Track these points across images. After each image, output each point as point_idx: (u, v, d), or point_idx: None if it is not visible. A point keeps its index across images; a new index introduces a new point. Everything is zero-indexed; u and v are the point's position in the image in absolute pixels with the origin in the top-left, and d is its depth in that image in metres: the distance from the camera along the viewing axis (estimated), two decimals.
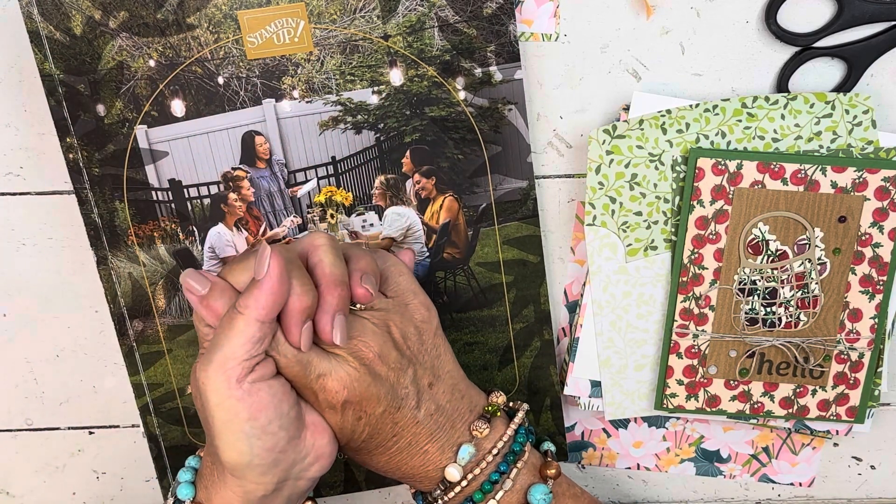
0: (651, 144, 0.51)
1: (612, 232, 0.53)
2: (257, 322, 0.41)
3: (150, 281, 0.54)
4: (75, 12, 0.48)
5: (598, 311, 0.55)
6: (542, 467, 0.49)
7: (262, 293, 0.41)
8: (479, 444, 0.48)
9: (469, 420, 0.48)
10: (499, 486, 0.47)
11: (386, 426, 0.46)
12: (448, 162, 0.52)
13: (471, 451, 0.47)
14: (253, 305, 0.41)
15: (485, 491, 0.47)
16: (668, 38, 0.51)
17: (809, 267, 0.52)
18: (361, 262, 0.46)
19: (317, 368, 0.44)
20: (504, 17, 0.49)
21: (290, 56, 0.49)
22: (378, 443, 0.47)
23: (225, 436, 0.42)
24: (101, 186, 0.52)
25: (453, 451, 0.47)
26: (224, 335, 0.41)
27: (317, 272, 0.44)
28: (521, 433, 0.49)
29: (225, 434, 0.42)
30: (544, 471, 0.48)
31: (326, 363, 0.44)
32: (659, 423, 0.61)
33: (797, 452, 0.62)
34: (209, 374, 0.41)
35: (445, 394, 0.48)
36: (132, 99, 0.50)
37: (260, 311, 0.41)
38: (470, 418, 0.48)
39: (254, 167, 0.52)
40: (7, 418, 0.61)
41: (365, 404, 0.45)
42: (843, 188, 0.50)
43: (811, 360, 0.54)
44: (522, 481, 0.48)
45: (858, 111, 0.50)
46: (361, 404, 0.45)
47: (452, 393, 0.48)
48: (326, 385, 0.44)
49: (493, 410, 0.49)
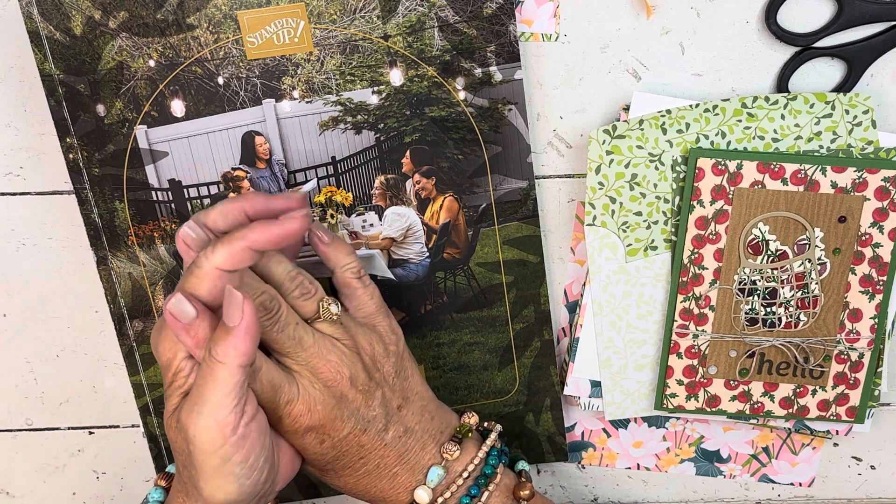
0: (651, 144, 0.51)
1: (612, 232, 0.53)
2: (240, 368, 0.40)
3: (150, 281, 0.54)
4: (75, 12, 0.48)
5: (598, 312, 0.55)
6: (516, 488, 0.48)
7: (240, 340, 0.39)
8: (450, 466, 0.47)
9: (440, 441, 0.48)
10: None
11: (352, 448, 0.46)
12: (448, 162, 0.52)
13: (440, 474, 0.47)
14: (233, 353, 0.39)
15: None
16: (668, 38, 0.51)
17: (809, 267, 0.52)
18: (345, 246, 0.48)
19: (286, 394, 0.44)
20: (504, 17, 0.49)
21: (290, 56, 0.49)
22: (344, 464, 0.47)
23: (214, 479, 0.41)
24: (101, 186, 0.52)
25: (423, 473, 0.47)
26: (209, 387, 0.40)
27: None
28: (494, 455, 0.48)
29: (214, 478, 0.41)
30: (517, 492, 0.48)
31: (294, 388, 0.44)
32: (659, 423, 0.61)
33: (797, 452, 0.62)
34: (201, 425, 0.40)
35: (415, 416, 0.48)
36: (132, 99, 0.50)
37: (241, 357, 0.39)
38: (441, 439, 0.48)
39: (254, 167, 0.52)
40: (7, 418, 0.61)
41: (328, 427, 0.45)
42: (843, 188, 0.50)
43: (811, 360, 0.54)
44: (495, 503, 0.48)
45: (858, 111, 0.50)
46: (325, 428, 0.45)
47: (422, 415, 0.48)
48: (293, 411, 0.44)
49: (464, 432, 0.49)
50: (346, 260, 0.48)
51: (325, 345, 0.45)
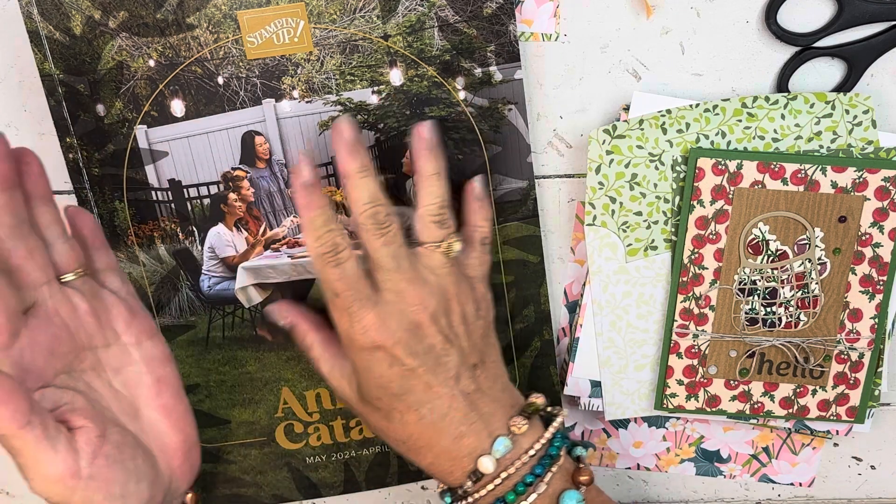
0: (651, 144, 0.51)
1: (612, 232, 0.53)
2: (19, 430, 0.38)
3: (150, 281, 0.54)
4: (75, 12, 0.48)
5: (598, 311, 0.55)
6: (575, 473, 0.48)
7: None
8: (517, 440, 0.47)
9: (508, 414, 0.48)
10: (532, 489, 0.46)
11: (419, 385, 0.46)
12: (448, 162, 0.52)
13: (507, 445, 0.46)
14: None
15: (518, 492, 0.46)
16: (668, 38, 0.51)
17: (809, 267, 0.52)
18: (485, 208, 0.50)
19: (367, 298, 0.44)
20: (504, 17, 0.49)
21: (289, 56, 0.49)
22: (410, 403, 0.46)
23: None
24: (101, 186, 0.51)
25: (489, 441, 0.47)
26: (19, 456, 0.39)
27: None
28: (559, 437, 0.48)
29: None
30: (577, 477, 0.48)
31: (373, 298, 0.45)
32: (659, 423, 0.61)
33: (797, 452, 0.62)
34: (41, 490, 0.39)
35: (488, 380, 0.48)
36: (132, 99, 0.50)
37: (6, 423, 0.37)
38: (510, 413, 0.48)
39: (254, 167, 0.52)
40: None
41: (399, 351, 0.45)
42: (843, 188, 0.50)
43: (811, 360, 0.54)
44: (555, 486, 0.47)
45: (858, 111, 0.50)
46: (395, 350, 0.45)
47: (495, 382, 0.48)
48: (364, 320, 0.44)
49: (533, 410, 0.49)
50: (481, 222, 0.49)
51: (421, 274, 0.45)
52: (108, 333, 0.44)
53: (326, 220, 0.45)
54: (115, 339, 0.45)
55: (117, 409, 0.44)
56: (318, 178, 0.45)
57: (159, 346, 0.46)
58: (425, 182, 0.47)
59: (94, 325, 0.44)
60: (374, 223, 0.45)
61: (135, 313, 0.46)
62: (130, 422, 0.44)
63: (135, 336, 0.45)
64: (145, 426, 0.45)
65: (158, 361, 0.46)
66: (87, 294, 0.44)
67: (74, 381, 0.42)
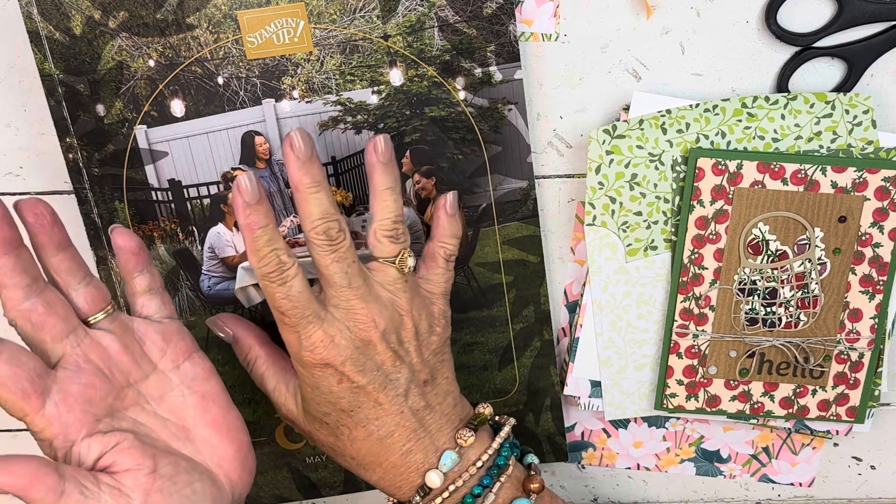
0: (651, 144, 0.51)
1: (612, 232, 0.53)
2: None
3: None
4: (75, 12, 0.48)
5: (598, 311, 0.55)
6: (526, 481, 0.48)
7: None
8: (464, 453, 0.47)
9: (456, 428, 0.48)
10: (480, 500, 0.46)
11: (368, 402, 0.45)
12: (448, 162, 0.52)
13: (453, 458, 0.47)
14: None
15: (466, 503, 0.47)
16: (668, 38, 0.51)
17: (809, 267, 0.52)
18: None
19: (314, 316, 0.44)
20: (504, 17, 0.49)
21: (289, 56, 0.49)
22: (358, 420, 0.46)
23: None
24: (101, 186, 0.51)
25: (436, 456, 0.47)
26: None
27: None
28: (507, 447, 0.48)
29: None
30: (527, 485, 0.48)
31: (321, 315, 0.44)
32: (659, 423, 0.61)
33: (797, 452, 0.62)
34: None
35: (438, 396, 0.48)
36: (132, 99, 0.50)
37: None
38: (457, 426, 0.48)
39: (253, 167, 0.52)
40: (7, 418, 0.61)
41: (347, 369, 0.44)
42: (843, 188, 0.50)
43: (811, 360, 0.54)
44: (505, 495, 0.47)
45: (858, 111, 0.50)
46: (343, 367, 0.44)
47: (445, 398, 0.48)
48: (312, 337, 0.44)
49: (479, 421, 0.49)
50: (449, 239, 0.49)
51: (374, 290, 0.45)
52: (144, 365, 0.44)
53: (270, 240, 0.44)
54: (151, 370, 0.44)
55: (167, 436, 0.44)
56: (261, 195, 0.44)
57: (199, 363, 0.46)
58: (379, 197, 0.46)
59: (128, 362, 0.43)
60: (325, 239, 0.44)
61: (169, 337, 0.45)
62: (183, 445, 0.44)
63: (171, 361, 0.45)
64: (198, 445, 0.45)
65: (200, 379, 0.46)
66: (118, 331, 0.43)
67: (119, 422, 0.42)
